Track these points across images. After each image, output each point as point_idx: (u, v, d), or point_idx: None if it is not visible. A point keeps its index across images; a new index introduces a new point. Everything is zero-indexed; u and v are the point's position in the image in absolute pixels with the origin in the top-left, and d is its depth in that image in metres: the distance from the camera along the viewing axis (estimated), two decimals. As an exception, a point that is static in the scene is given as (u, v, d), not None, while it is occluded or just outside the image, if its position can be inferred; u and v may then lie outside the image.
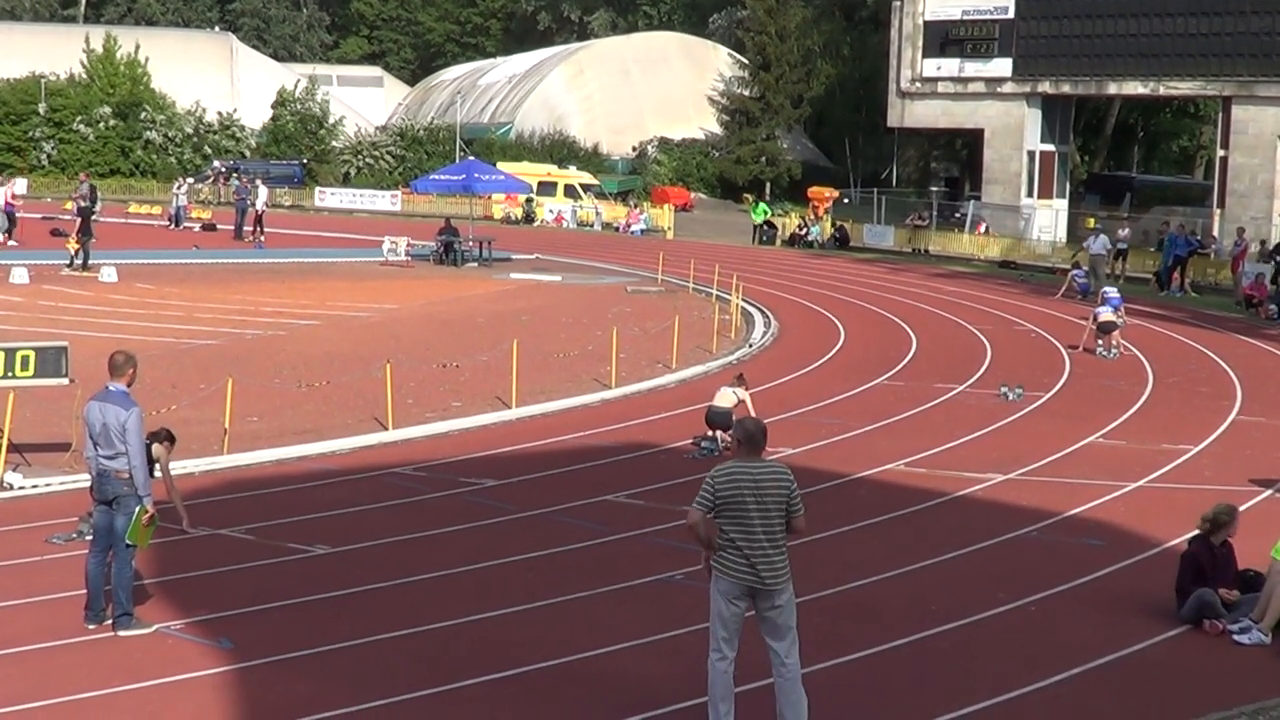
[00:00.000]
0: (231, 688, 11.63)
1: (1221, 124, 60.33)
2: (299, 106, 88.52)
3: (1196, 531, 14.36)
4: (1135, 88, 62.82)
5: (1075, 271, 45.95)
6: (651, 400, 25.83)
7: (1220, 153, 59.93)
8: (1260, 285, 42.48)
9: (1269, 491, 18.98)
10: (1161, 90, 62.57)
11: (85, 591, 13.04)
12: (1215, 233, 54.51)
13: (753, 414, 20.21)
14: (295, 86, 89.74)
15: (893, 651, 12.86)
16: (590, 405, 25.08)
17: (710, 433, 21.28)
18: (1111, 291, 34.90)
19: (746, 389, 21.94)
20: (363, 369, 25.98)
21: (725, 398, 21.48)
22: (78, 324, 31.52)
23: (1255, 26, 56.85)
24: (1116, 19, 61.14)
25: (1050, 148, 65.96)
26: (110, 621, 12.83)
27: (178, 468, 17.60)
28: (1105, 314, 32.69)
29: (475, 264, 50.89)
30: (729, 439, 20.02)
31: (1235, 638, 13.29)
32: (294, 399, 24.37)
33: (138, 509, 12.78)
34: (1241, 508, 15.70)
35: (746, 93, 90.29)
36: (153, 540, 13.54)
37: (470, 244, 52.07)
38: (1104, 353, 31.75)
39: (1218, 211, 58.04)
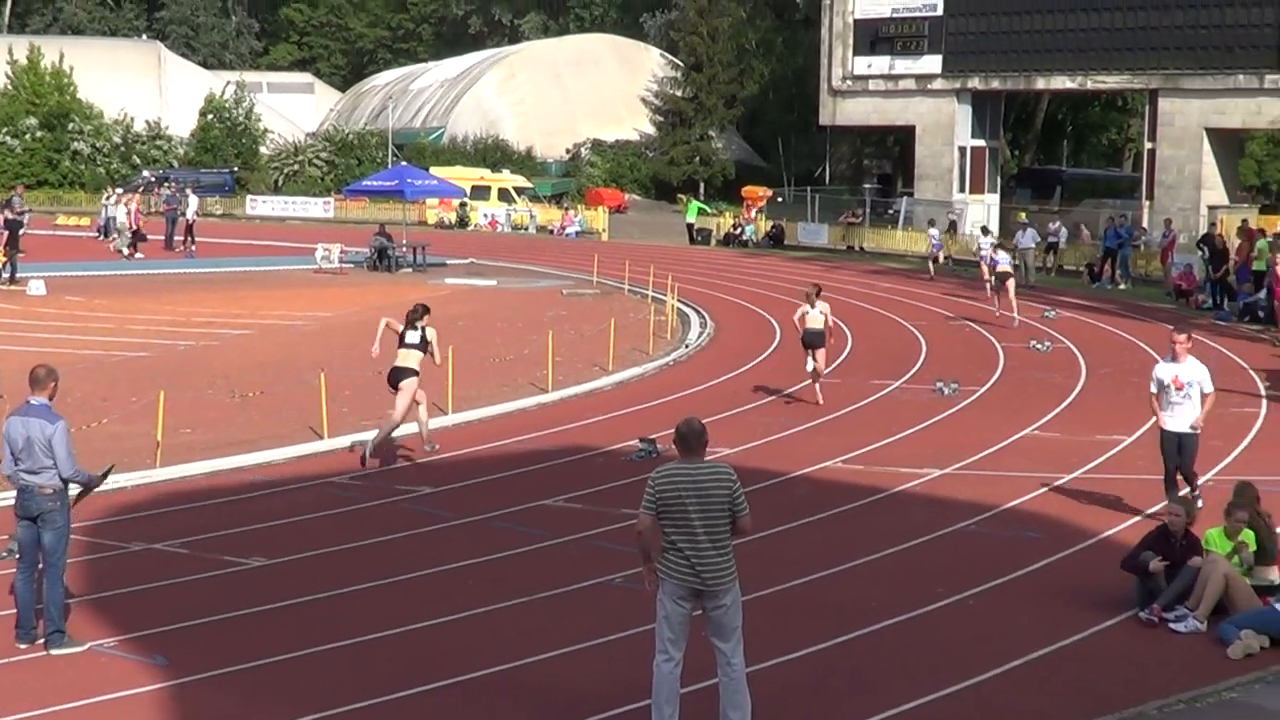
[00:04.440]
0: (167, 705, 11.50)
1: (1148, 117, 60.90)
2: (226, 113, 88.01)
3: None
4: (1063, 82, 63.28)
5: (983, 255, 46.61)
6: (589, 403, 25.76)
7: (1148, 145, 60.46)
8: (1190, 275, 42.76)
9: (1200, 480, 19.05)
10: (1089, 84, 63.09)
11: (15, 611, 12.87)
12: (1145, 224, 54.92)
13: (831, 322, 25.06)
14: (222, 92, 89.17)
15: (833, 649, 12.85)
16: (527, 409, 24.97)
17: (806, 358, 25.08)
18: (1002, 253, 38.13)
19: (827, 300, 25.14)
20: (297, 378, 25.83)
21: (815, 320, 24.67)
22: (5, 338, 31.21)
23: (1180, 20, 57.44)
24: (1044, 15, 61.66)
25: (981, 143, 66.36)
26: (43, 640, 12.65)
27: (108, 484, 17.42)
28: (1003, 264, 36.79)
29: (410, 270, 50.70)
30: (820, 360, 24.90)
31: (1172, 626, 13.38)
32: (228, 410, 24.18)
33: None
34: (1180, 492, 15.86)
35: (679, 93, 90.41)
36: (85, 557, 13.39)
37: (404, 250, 51.89)
38: (1005, 314, 34.28)
39: (1146, 203, 58.54)
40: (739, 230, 66.89)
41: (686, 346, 32.86)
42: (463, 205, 73.46)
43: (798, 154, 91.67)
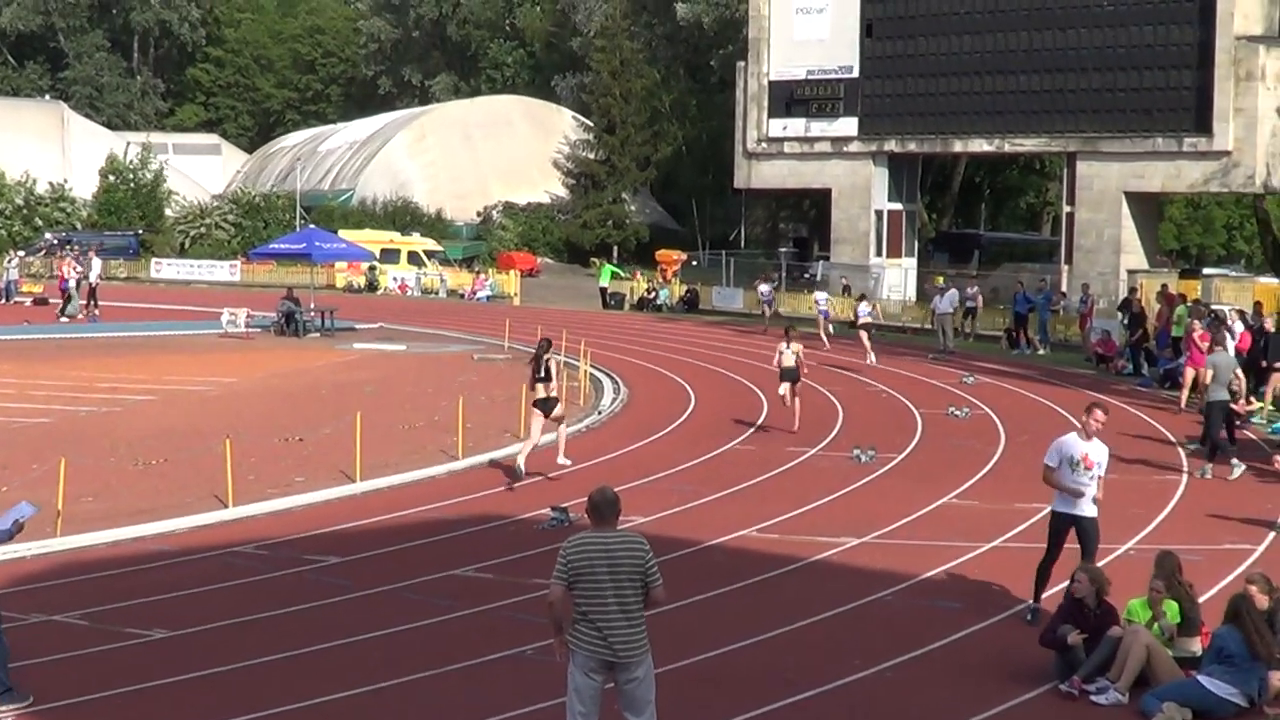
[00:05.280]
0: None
1: (1066, 180, 61.25)
2: (131, 175, 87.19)
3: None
4: (980, 145, 63.73)
5: (822, 311, 48.55)
6: (500, 471, 25.40)
7: (1066, 209, 60.88)
8: (1109, 341, 42.75)
9: (1121, 549, 19.00)
10: (1006, 147, 63.57)
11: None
12: (1064, 288, 55.14)
13: (804, 359, 29.61)
14: (125, 153, 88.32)
15: (750, 724, 12.61)
16: (437, 477, 24.61)
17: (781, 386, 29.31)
18: (863, 305, 43.88)
19: (799, 340, 29.83)
20: (202, 445, 25.35)
21: (788, 358, 29.18)
22: (-97, 404, 30.54)
23: (1097, 83, 58.00)
24: (960, 77, 62.10)
25: (898, 206, 66.59)
26: None
27: (7, 552, 16.95)
28: (864, 316, 42.79)
29: (318, 334, 50.21)
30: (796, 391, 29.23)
31: (1093, 698, 13.25)
32: (130, 478, 23.70)
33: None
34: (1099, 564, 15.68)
35: (592, 155, 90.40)
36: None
37: (312, 314, 51.41)
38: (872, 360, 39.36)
39: (1065, 267, 58.88)
40: (653, 294, 66.88)
41: (599, 413, 32.60)
42: (372, 269, 73.15)
43: (713, 217, 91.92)
